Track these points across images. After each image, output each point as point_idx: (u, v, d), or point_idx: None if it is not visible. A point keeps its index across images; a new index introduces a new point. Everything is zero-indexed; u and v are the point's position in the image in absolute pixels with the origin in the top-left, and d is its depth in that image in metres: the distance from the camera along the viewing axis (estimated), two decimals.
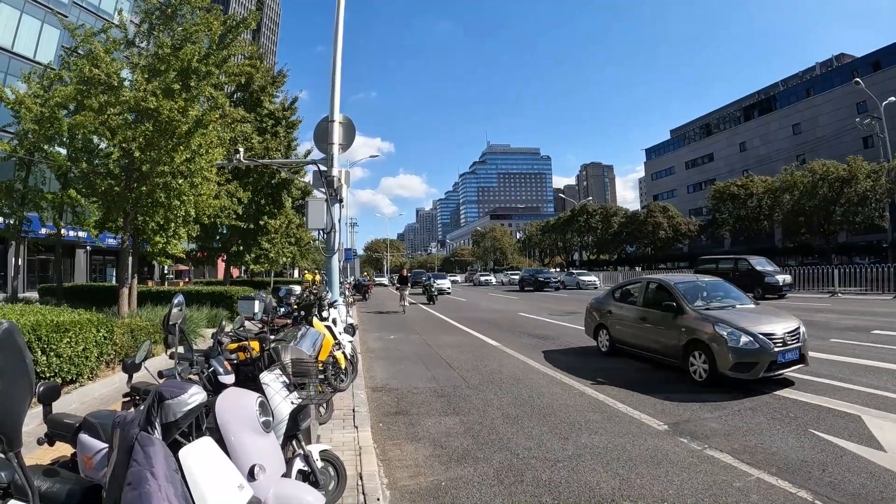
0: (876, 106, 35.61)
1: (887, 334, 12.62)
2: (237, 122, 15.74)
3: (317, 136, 12.20)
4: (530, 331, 15.91)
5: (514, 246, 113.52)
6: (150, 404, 2.30)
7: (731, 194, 59.78)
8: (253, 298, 7.37)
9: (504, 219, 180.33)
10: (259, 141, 22.26)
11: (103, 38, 13.05)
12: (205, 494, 2.26)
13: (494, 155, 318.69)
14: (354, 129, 12.26)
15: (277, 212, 25.05)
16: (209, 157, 13.10)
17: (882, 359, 9.70)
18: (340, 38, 12.05)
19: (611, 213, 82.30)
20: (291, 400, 3.65)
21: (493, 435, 6.16)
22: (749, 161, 75.42)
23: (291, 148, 26.77)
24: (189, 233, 15.22)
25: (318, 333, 5.54)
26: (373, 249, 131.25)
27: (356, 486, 4.47)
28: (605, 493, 4.48)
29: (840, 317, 16.66)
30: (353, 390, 7.86)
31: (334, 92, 11.81)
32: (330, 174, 11.38)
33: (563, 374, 9.47)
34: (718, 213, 62.77)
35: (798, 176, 49.74)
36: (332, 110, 11.70)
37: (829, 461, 5.06)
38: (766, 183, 56.25)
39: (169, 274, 43.69)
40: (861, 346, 11.27)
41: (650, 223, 72.34)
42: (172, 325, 3.34)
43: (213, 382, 3.43)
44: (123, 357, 7.45)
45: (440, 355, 12.02)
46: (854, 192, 45.03)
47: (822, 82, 72.05)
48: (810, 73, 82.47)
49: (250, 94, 24.41)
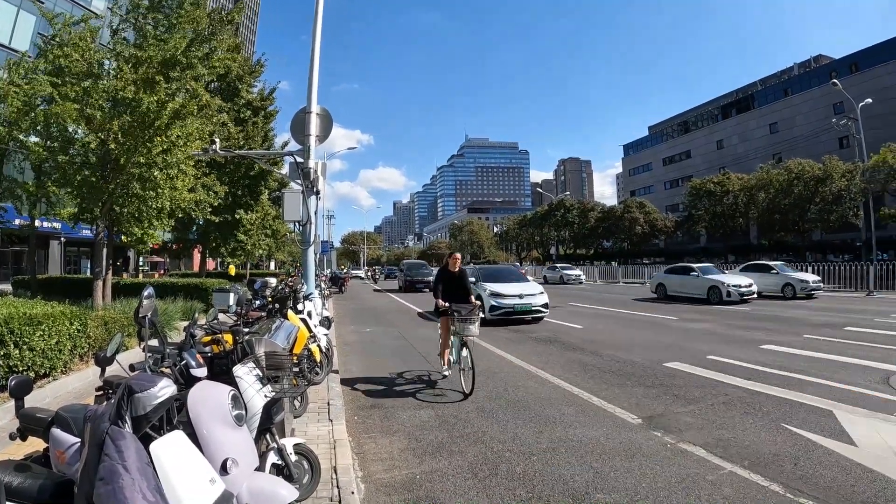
0: (852, 107, 36.14)
1: (860, 331, 12.90)
2: (215, 112, 15.55)
3: (294, 128, 12.10)
4: (506, 324, 15.96)
5: (491, 240, 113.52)
6: (120, 398, 2.28)
7: (708, 191, 60.37)
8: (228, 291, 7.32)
9: (481, 212, 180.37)
10: (236, 131, 22.02)
11: (82, 27, 12.80)
12: (176, 488, 2.24)
13: (472, 149, 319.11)
14: (332, 120, 12.18)
15: (254, 203, 24.81)
16: (186, 149, 12.93)
17: (854, 355, 9.91)
18: (319, 30, 11.96)
19: (588, 208, 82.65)
20: (265, 393, 3.64)
21: (468, 428, 6.19)
22: (726, 159, 76.34)
23: (269, 139, 26.53)
24: (163, 227, 15.02)
25: (293, 326, 5.51)
26: (350, 242, 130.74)
27: (331, 479, 4.46)
28: (578, 486, 4.51)
29: (813, 313, 16.97)
30: (328, 383, 7.85)
31: (312, 83, 11.72)
32: (306, 166, 11.31)
33: (538, 368, 9.53)
34: (695, 209, 63.34)
35: (774, 174, 50.42)
36: (310, 101, 11.61)
37: (801, 455, 5.13)
38: (742, 181, 56.94)
39: (144, 266, 43.15)
40: (834, 342, 11.50)
41: (627, 218, 72.79)
42: (142, 318, 3.31)
43: (186, 376, 3.41)
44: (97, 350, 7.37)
45: (416, 348, 12.02)
46: (829, 191, 45.66)
47: (799, 83, 73.28)
48: (788, 73, 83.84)
49: (227, 83, 24.10)
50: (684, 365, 9.47)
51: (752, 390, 7.66)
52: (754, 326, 14.40)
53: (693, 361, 9.74)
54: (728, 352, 10.61)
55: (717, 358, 10.00)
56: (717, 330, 13.83)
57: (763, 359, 9.85)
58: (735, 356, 10.13)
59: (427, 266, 42.14)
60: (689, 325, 15.08)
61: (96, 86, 11.80)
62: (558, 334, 13.70)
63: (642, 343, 12.06)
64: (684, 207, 69.23)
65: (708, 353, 10.48)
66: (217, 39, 13.29)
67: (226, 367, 3.78)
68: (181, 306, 14.57)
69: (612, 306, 21.56)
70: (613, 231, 76.96)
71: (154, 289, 3.59)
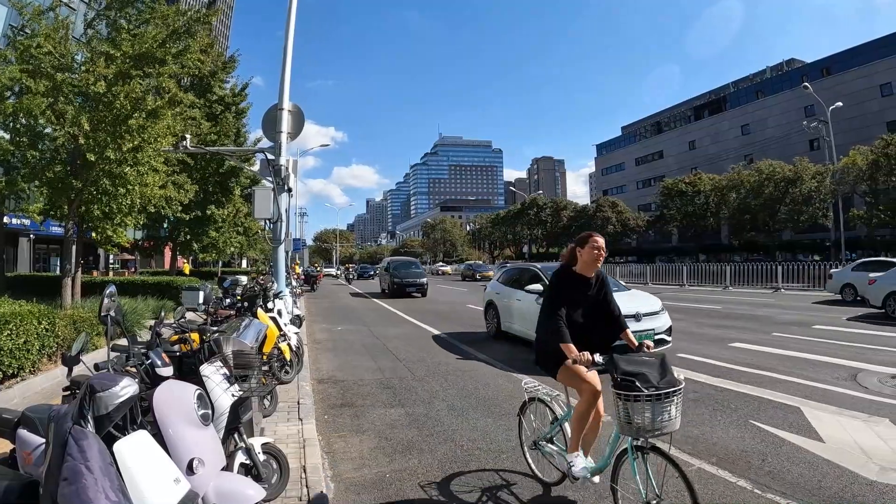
0: (823, 110, 37.13)
1: (828, 329, 13.17)
2: (187, 107, 15.35)
3: (265, 124, 12.03)
4: (478, 323, 15.99)
5: (464, 238, 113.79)
6: (83, 397, 2.25)
7: (680, 191, 61.20)
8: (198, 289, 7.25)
9: (454, 211, 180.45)
10: (208, 127, 21.73)
11: (52, 17, 12.54)
12: (139, 488, 2.22)
13: (446, 147, 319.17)
14: (303, 117, 12.13)
15: (225, 200, 24.53)
16: (157, 145, 12.74)
17: (822, 352, 10.10)
18: (292, 26, 11.90)
19: (561, 207, 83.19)
20: (232, 392, 3.61)
21: (439, 426, 6.19)
22: (698, 159, 77.53)
23: (241, 135, 26.24)
24: (133, 223, 14.78)
25: (262, 325, 5.46)
26: (322, 240, 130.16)
27: (300, 478, 4.44)
28: (549, 483, 4.54)
29: (783, 312, 17.30)
30: (298, 382, 7.79)
31: (284, 79, 11.66)
32: (277, 163, 11.24)
33: (508, 367, 9.56)
34: (666, 209, 64.11)
35: (745, 175, 51.34)
36: (282, 98, 11.55)
37: (769, 451, 5.21)
38: (713, 181, 57.80)
39: (115, 264, 42.44)
40: (802, 339, 11.73)
41: (599, 217, 73.34)
42: (105, 317, 3.27)
43: (152, 375, 3.38)
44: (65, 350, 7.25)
45: (387, 347, 12.00)
46: (799, 192, 46.56)
47: (772, 85, 75.10)
48: (761, 76, 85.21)
49: (199, 78, 23.79)
50: None
51: (722, 388, 7.77)
52: (724, 325, 14.61)
53: None
54: (698, 350, 10.74)
55: (686, 356, 10.11)
56: (687, 328, 13.99)
57: (732, 356, 10.00)
58: (705, 354, 10.27)
59: (418, 265, 33.14)
60: None
61: (68, 79, 11.57)
62: None
63: None
64: (656, 207, 70.00)
65: (677, 350, 10.56)
66: (193, 38, 13.11)
67: (194, 367, 3.75)
68: (151, 305, 14.37)
69: None
70: (586, 230, 77.19)
71: (124, 287, 3.57)
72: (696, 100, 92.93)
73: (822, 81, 58.94)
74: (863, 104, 56.75)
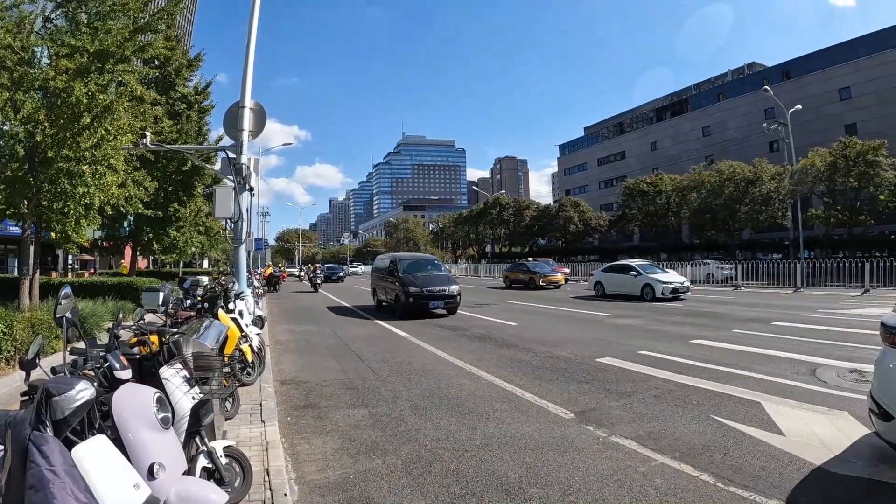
0: (783, 113, 38.05)
1: (787, 325, 13.49)
2: (149, 105, 15.06)
3: (226, 123, 11.91)
4: (441, 322, 16.04)
5: (427, 237, 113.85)
6: (39, 402, 2.21)
7: (641, 191, 62.22)
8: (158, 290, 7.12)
9: (418, 210, 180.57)
10: (170, 125, 21.34)
11: (15, 13, 12.16)
12: (99, 494, 2.18)
13: (409, 146, 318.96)
14: (265, 115, 12.01)
15: (187, 200, 24.11)
16: (116, 143, 12.46)
17: (781, 348, 10.32)
18: (256, 22, 11.80)
19: (523, 207, 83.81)
20: (192, 395, 3.56)
21: (402, 426, 6.19)
22: (660, 160, 78.83)
23: (203, 134, 25.82)
24: (92, 223, 14.42)
25: (223, 326, 5.39)
26: (285, 240, 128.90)
27: (263, 481, 4.40)
28: (512, 481, 4.57)
29: (743, 309, 17.71)
30: (260, 384, 7.71)
31: (246, 77, 11.54)
32: (239, 161, 11.12)
33: (471, 365, 9.60)
34: (628, 208, 65.13)
35: (706, 175, 52.20)
36: (244, 96, 11.43)
37: (730, 445, 5.31)
38: (675, 181, 58.80)
39: (74, 265, 41.40)
40: (762, 336, 11.98)
41: (562, 217, 74.12)
42: (60, 318, 3.20)
43: (110, 378, 3.31)
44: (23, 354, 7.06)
45: (350, 347, 11.95)
46: (759, 192, 47.50)
47: (733, 88, 76.52)
48: (722, 79, 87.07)
49: (164, 75, 23.34)
50: (616, 360, 9.69)
51: (683, 384, 7.88)
52: (685, 322, 14.89)
53: (625, 357, 9.97)
54: (659, 347, 10.89)
55: (648, 353, 10.26)
56: (648, 326, 14.22)
57: (693, 353, 10.16)
58: (666, 351, 10.42)
59: (440, 265, 22.17)
60: (620, 322, 15.44)
61: (28, 74, 11.26)
62: (492, 331, 13.85)
63: (575, 339, 12.29)
64: (618, 206, 71.03)
65: (639, 348, 10.75)
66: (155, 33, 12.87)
67: (153, 369, 3.69)
68: (111, 306, 14.04)
69: (547, 303, 21.90)
70: (548, 229, 78.30)
71: (84, 288, 3.50)
72: (659, 102, 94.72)
73: (782, 85, 60.40)
74: (822, 107, 58.37)
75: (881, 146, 39.28)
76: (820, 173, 40.59)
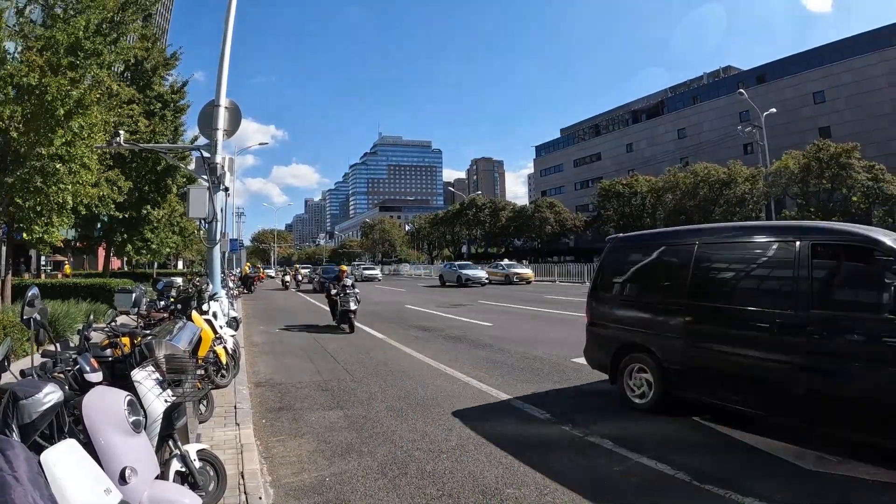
0: (758, 116, 38.56)
1: None
2: (125, 103, 14.86)
3: (201, 121, 11.78)
4: (416, 323, 16.03)
5: (403, 238, 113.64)
6: (5, 405, 2.17)
7: (617, 192, 62.84)
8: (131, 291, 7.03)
9: (394, 211, 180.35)
10: (146, 124, 21.04)
11: None
12: (69, 500, 2.15)
13: (386, 146, 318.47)
14: (240, 114, 11.91)
15: (161, 200, 23.79)
16: (90, 141, 12.25)
17: None
18: (232, 21, 11.69)
19: (499, 208, 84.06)
20: (165, 398, 3.52)
21: (378, 428, 6.17)
22: (635, 161, 79.40)
23: (178, 133, 25.52)
24: (63, 222, 14.16)
25: (196, 327, 5.34)
26: (260, 240, 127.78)
27: (238, 485, 4.36)
28: (488, 482, 4.58)
29: None
30: (235, 386, 7.65)
31: (222, 76, 11.44)
32: (213, 161, 11.02)
33: (447, 366, 9.59)
34: (604, 209, 65.64)
35: (681, 177, 52.96)
36: (219, 95, 11.33)
37: (708, 444, 5.40)
38: (650, 183, 59.56)
39: (47, 266, 40.67)
40: None
41: (538, 218, 74.45)
42: (27, 320, 3.15)
43: (80, 381, 3.25)
44: None
45: (325, 349, 11.88)
46: (733, 194, 48.25)
47: (708, 91, 77.43)
48: (698, 82, 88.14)
49: (141, 73, 23.02)
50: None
51: None
52: None
53: None
54: None
55: None
56: None
57: None
58: None
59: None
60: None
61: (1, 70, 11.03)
62: (468, 332, 13.84)
63: (550, 339, 12.32)
64: (594, 207, 71.55)
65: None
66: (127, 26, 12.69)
67: (125, 372, 3.63)
68: (85, 308, 13.80)
69: (523, 304, 21.97)
70: (524, 230, 78.63)
71: (56, 290, 3.45)
72: (635, 104, 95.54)
73: (756, 88, 61.50)
74: (796, 111, 59.55)
75: (854, 149, 40.04)
76: (794, 175, 41.31)
